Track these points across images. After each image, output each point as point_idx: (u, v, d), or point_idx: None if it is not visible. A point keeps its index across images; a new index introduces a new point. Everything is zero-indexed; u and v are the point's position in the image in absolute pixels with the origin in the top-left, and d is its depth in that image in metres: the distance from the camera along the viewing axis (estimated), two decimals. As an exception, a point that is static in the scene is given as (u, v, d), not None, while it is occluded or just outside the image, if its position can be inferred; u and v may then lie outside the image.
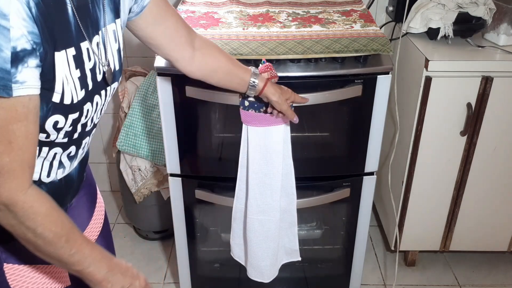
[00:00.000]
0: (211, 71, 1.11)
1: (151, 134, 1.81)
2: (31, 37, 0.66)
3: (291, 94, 1.20)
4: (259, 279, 1.48)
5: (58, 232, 0.75)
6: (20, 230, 0.73)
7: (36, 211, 0.73)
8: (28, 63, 0.66)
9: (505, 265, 1.97)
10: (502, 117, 1.58)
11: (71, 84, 0.76)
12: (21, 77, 0.66)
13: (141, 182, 1.89)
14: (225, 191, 1.47)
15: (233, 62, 1.14)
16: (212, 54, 1.10)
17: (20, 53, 0.65)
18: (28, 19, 0.65)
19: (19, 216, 0.72)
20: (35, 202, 0.73)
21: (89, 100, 0.82)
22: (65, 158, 0.87)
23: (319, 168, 1.51)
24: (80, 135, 0.87)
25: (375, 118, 1.39)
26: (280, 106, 1.18)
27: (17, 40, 0.64)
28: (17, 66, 0.65)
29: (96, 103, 0.85)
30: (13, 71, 0.65)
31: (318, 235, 1.75)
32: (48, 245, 0.75)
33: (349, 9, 1.59)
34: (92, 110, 0.84)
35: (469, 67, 1.52)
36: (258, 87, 1.15)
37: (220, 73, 1.13)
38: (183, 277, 1.70)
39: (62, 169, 0.88)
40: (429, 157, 1.65)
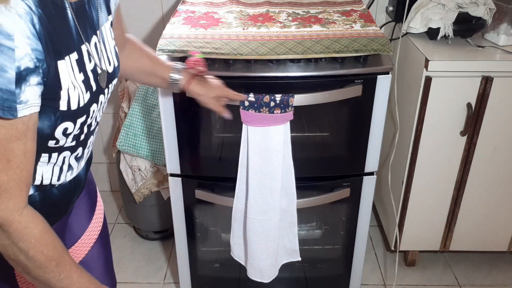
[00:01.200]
0: (131, 73, 1.13)
1: (151, 134, 1.81)
2: (35, 54, 0.66)
3: (221, 91, 1.19)
4: (259, 279, 1.48)
5: (50, 255, 0.74)
6: (12, 251, 0.72)
7: (30, 233, 0.71)
8: (30, 81, 0.66)
9: (505, 265, 1.97)
10: (502, 117, 1.58)
11: (78, 89, 0.77)
12: (24, 96, 0.66)
13: (141, 182, 1.89)
14: (225, 191, 1.47)
15: (154, 62, 1.13)
16: (132, 57, 1.09)
17: (23, 72, 0.65)
18: (32, 37, 0.65)
19: (13, 237, 0.70)
20: (29, 223, 0.72)
21: (94, 101, 0.83)
22: (73, 160, 0.88)
23: (319, 168, 1.51)
24: (86, 136, 0.88)
25: (375, 118, 1.39)
26: (206, 104, 1.18)
27: (21, 60, 0.64)
28: (21, 86, 0.65)
29: (100, 102, 0.85)
30: (17, 91, 0.64)
31: (318, 235, 1.75)
32: (38, 268, 0.74)
33: (349, 9, 1.59)
34: (97, 109, 0.85)
35: (469, 67, 1.52)
36: (181, 83, 1.14)
37: (140, 74, 1.14)
38: (183, 277, 1.70)
39: (71, 171, 0.88)
40: (429, 157, 1.65)
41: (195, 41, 1.33)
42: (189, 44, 1.31)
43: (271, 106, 1.28)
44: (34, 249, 0.72)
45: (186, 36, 1.37)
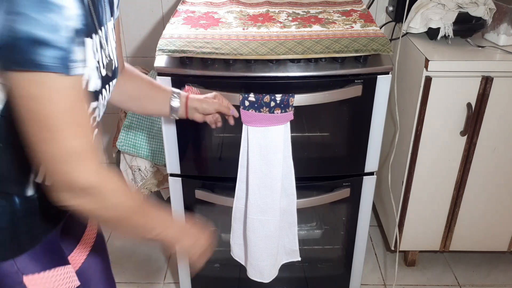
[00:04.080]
0: (130, 97, 1.09)
1: (151, 134, 1.81)
2: (81, 18, 0.66)
3: (218, 106, 1.19)
4: (259, 279, 1.48)
5: (133, 205, 0.77)
6: (100, 212, 0.73)
7: (111, 189, 0.72)
8: (80, 42, 0.67)
9: (505, 265, 1.97)
10: (502, 117, 1.58)
11: (95, 71, 0.77)
12: (77, 56, 0.66)
13: (141, 182, 1.89)
14: (225, 191, 1.47)
15: (153, 86, 1.12)
16: (131, 80, 1.07)
17: (75, 32, 0.65)
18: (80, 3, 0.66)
19: (98, 198, 0.71)
20: (108, 181, 0.72)
21: (100, 92, 0.83)
22: None
23: (319, 168, 1.51)
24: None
25: (375, 118, 1.39)
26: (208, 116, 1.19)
27: (72, 20, 0.64)
28: (74, 44, 0.65)
29: (104, 97, 0.85)
30: (71, 49, 0.64)
31: (318, 235, 1.75)
32: (127, 220, 0.77)
33: (349, 9, 1.59)
34: (101, 103, 0.85)
35: (469, 67, 1.52)
36: (180, 110, 1.14)
37: (139, 99, 1.11)
38: (183, 277, 1.70)
39: None
40: (429, 157, 1.65)
41: (195, 41, 1.33)
42: (189, 44, 1.31)
43: (271, 106, 1.28)
44: (119, 203, 0.74)
45: (186, 36, 1.37)
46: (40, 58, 0.61)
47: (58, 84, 0.63)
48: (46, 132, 0.64)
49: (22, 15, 0.59)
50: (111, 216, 0.75)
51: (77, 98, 0.66)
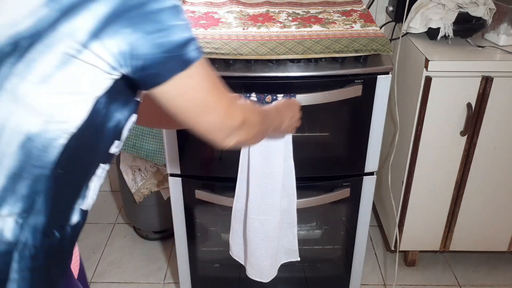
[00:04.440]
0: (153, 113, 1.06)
1: (151, 134, 1.81)
2: None
3: None
4: (259, 278, 1.48)
5: (264, 116, 0.91)
6: (252, 133, 0.84)
7: (250, 113, 0.83)
8: None
9: (505, 265, 1.97)
10: (502, 117, 1.58)
11: None
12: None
13: (141, 182, 1.89)
14: (225, 191, 1.47)
15: None
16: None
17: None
18: None
19: (249, 125, 0.81)
20: (244, 108, 0.82)
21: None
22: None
23: (319, 168, 1.51)
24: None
25: (375, 118, 1.39)
26: None
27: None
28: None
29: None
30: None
31: (318, 235, 1.75)
32: (266, 130, 0.94)
33: (349, 9, 1.59)
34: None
35: (469, 67, 1.52)
36: None
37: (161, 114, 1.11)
38: (183, 277, 1.70)
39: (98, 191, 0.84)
40: (429, 157, 1.65)
41: (195, 41, 1.33)
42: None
43: None
44: (257, 122, 0.85)
45: (186, 36, 1.36)
46: (189, 55, 0.67)
47: (202, 67, 0.70)
48: (205, 108, 0.72)
49: (168, 28, 0.65)
50: (258, 133, 0.86)
51: (210, 69, 0.73)
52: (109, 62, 0.65)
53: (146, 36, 0.64)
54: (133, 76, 0.67)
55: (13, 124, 0.65)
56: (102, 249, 2.06)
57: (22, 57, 0.63)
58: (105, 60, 0.65)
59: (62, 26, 0.62)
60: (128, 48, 0.64)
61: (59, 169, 0.70)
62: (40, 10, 0.62)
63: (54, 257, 0.76)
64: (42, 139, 0.67)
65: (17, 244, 0.70)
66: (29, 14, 0.62)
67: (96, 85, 0.67)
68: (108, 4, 0.62)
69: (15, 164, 0.67)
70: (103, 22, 0.62)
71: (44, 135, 0.67)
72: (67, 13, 0.62)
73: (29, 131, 0.66)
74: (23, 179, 0.68)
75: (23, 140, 0.66)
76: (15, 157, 0.67)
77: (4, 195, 0.68)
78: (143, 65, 0.65)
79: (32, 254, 0.71)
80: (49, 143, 0.67)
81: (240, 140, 0.80)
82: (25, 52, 0.63)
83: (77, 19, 0.62)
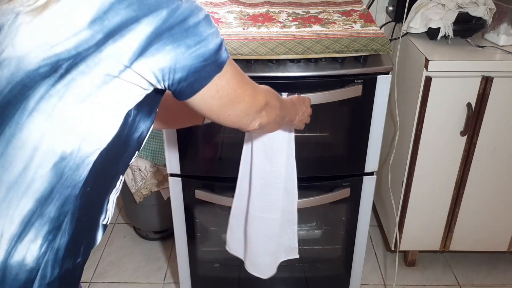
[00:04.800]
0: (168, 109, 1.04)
1: (151, 134, 1.81)
2: None
3: None
4: (257, 274, 1.47)
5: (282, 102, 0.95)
6: (278, 117, 0.90)
7: (270, 97, 0.87)
8: None
9: (505, 265, 1.97)
10: (502, 117, 1.58)
11: None
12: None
13: (141, 182, 1.89)
14: (225, 191, 1.47)
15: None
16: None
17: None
18: None
19: (270, 107, 0.86)
20: (266, 92, 0.86)
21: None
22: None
23: (319, 168, 1.51)
24: None
25: (375, 118, 1.39)
26: None
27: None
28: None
29: None
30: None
31: (318, 235, 1.75)
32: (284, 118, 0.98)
33: (349, 9, 1.59)
34: None
35: (469, 67, 1.52)
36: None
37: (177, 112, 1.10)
38: (183, 277, 1.70)
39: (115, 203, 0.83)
40: (429, 157, 1.65)
41: (195, 41, 1.33)
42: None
43: None
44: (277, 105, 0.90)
45: (186, 36, 1.36)
46: (222, 58, 0.70)
47: (230, 65, 0.73)
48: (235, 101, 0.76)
49: (206, 38, 0.67)
50: (276, 118, 0.90)
51: (236, 63, 0.76)
52: (149, 80, 0.67)
53: (188, 50, 0.66)
54: (170, 89, 0.69)
55: (46, 145, 0.65)
56: (102, 249, 2.06)
57: (61, 78, 0.63)
58: (145, 78, 0.66)
59: (106, 48, 0.62)
60: (169, 63, 0.65)
61: (87, 187, 0.69)
62: (82, 33, 0.62)
63: (67, 282, 0.75)
64: (75, 158, 0.66)
65: (38, 271, 0.68)
66: (70, 36, 0.62)
67: (131, 101, 0.68)
68: (151, 24, 0.63)
69: (46, 186, 0.66)
70: (146, 42, 0.63)
71: (78, 153, 0.66)
72: (112, 35, 0.62)
73: (63, 151, 0.65)
74: (53, 201, 0.67)
75: (56, 161, 0.65)
76: (46, 179, 0.66)
77: (31, 219, 0.66)
78: (183, 76, 0.67)
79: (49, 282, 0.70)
80: (81, 161, 0.67)
81: (262, 122, 0.84)
82: (65, 73, 0.63)
83: (121, 41, 0.62)
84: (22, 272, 0.67)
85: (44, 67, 0.62)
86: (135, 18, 0.62)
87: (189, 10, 0.66)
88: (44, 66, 0.62)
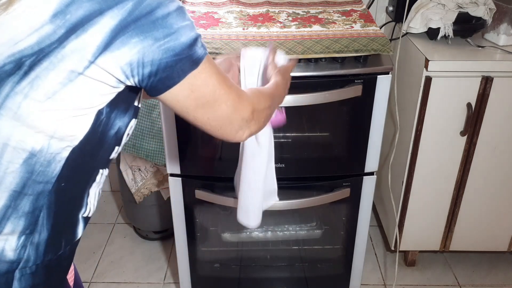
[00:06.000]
0: None
1: (151, 134, 1.81)
2: None
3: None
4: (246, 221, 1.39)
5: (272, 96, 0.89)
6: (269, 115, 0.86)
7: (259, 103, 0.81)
8: None
9: (505, 265, 1.97)
10: (502, 117, 1.58)
11: None
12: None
13: (141, 182, 1.89)
14: (225, 191, 1.47)
15: None
16: None
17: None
18: None
19: (259, 115, 0.80)
20: (253, 99, 0.80)
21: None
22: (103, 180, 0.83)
23: (319, 168, 1.51)
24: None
25: (375, 118, 1.39)
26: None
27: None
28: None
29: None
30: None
31: (318, 235, 1.75)
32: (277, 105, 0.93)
33: (349, 9, 1.59)
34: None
35: (469, 67, 1.52)
36: None
37: None
38: (183, 277, 1.71)
39: (98, 199, 0.83)
40: (429, 157, 1.65)
41: (195, 41, 1.33)
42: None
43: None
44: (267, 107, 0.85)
45: (186, 36, 1.36)
46: (197, 54, 0.67)
47: (208, 63, 0.69)
48: (215, 104, 0.71)
49: (176, 31, 0.64)
50: (268, 116, 0.86)
51: (215, 63, 0.72)
52: (116, 76, 0.64)
53: (156, 43, 0.63)
54: (140, 85, 0.67)
55: (15, 142, 0.64)
56: (102, 249, 2.06)
57: (25, 75, 0.61)
58: (112, 74, 0.64)
59: (69, 44, 0.60)
60: (136, 57, 0.63)
61: (61, 182, 0.69)
62: (44, 28, 0.60)
63: (53, 272, 0.75)
64: (45, 155, 0.66)
65: (19, 263, 0.69)
66: (32, 32, 0.60)
67: (100, 99, 0.67)
68: (116, 16, 0.60)
69: (17, 182, 0.66)
70: (111, 35, 0.61)
71: (48, 150, 0.66)
72: (74, 30, 0.60)
73: (32, 148, 0.65)
74: (26, 196, 0.67)
75: (26, 157, 0.65)
76: (17, 175, 0.66)
77: (6, 213, 0.67)
78: (152, 71, 0.64)
79: (33, 271, 0.71)
80: (52, 158, 0.67)
81: (252, 131, 0.80)
82: (29, 70, 0.61)
83: (85, 35, 0.60)
84: (2, 263, 0.69)
85: (9, 64, 0.61)
86: (99, 11, 0.60)
87: (157, 1, 0.62)
88: (9, 64, 0.61)
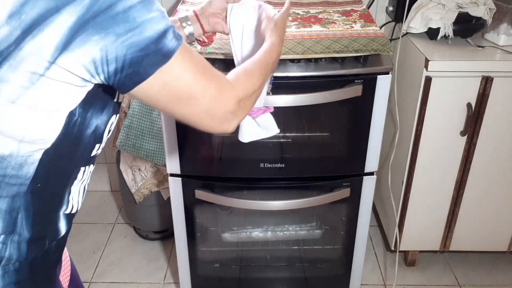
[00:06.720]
0: None
1: (151, 134, 1.81)
2: None
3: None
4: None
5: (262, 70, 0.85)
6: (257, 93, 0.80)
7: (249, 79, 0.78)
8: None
9: (505, 265, 1.97)
10: (502, 117, 1.58)
11: None
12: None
13: (141, 182, 1.89)
14: (225, 191, 1.47)
15: None
16: None
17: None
18: None
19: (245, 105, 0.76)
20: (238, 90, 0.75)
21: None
22: (89, 177, 0.82)
23: (319, 168, 1.51)
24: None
25: (375, 118, 1.39)
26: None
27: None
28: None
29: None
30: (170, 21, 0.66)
31: (318, 235, 1.75)
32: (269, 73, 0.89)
33: (349, 9, 1.59)
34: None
35: (469, 67, 1.52)
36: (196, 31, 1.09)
37: None
38: (183, 277, 1.71)
39: (84, 195, 0.82)
40: (429, 157, 1.65)
41: (195, 41, 1.33)
42: (189, 44, 1.31)
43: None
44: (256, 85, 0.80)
45: (186, 36, 1.36)
46: (167, 47, 0.63)
47: (182, 55, 0.65)
48: (192, 97, 0.67)
49: (140, 25, 0.61)
50: (260, 91, 0.82)
51: (192, 54, 0.68)
52: (80, 75, 0.62)
53: (118, 39, 0.60)
54: (108, 82, 0.64)
55: None
56: (102, 249, 2.06)
57: None
58: (76, 74, 0.61)
59: (26, 44, 0.58)
60: (99, 54, 0.60)
61: (37, 183, 0.68)
62: (1, 30, 0.58)
63: (39, 268, 0.75)
64: (16, 158, 0.65)
65: (1, 261, 0.69)
66: None
67: (68, 100, 0.64)
68: (73, 14, 0.57)
69: None
70: (69, 34, 0.58)
71: (18, 154, 0.65)
72: (31, 30, 0.58)
73: (2, 152, 0.64)
74: (1, 198, 0.67)
75: None
76: None
77: None
78: (118, 68, 0.62)
79: (17, 268, 0.71)
80: (24, 161, 0.66)
81: (241, 118, 0.76)
82: None
83: (41, 36, 0.58)
84: None
85: None
86: (55, 9, 0.57)
87: None
88: None
